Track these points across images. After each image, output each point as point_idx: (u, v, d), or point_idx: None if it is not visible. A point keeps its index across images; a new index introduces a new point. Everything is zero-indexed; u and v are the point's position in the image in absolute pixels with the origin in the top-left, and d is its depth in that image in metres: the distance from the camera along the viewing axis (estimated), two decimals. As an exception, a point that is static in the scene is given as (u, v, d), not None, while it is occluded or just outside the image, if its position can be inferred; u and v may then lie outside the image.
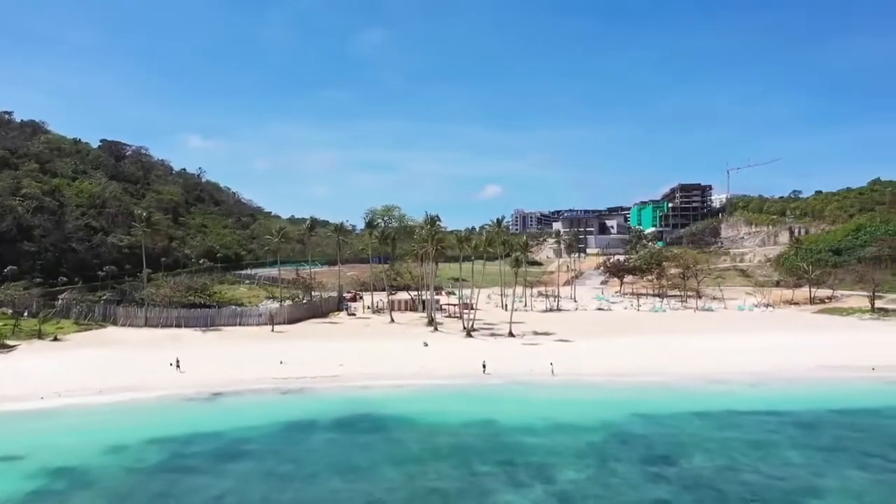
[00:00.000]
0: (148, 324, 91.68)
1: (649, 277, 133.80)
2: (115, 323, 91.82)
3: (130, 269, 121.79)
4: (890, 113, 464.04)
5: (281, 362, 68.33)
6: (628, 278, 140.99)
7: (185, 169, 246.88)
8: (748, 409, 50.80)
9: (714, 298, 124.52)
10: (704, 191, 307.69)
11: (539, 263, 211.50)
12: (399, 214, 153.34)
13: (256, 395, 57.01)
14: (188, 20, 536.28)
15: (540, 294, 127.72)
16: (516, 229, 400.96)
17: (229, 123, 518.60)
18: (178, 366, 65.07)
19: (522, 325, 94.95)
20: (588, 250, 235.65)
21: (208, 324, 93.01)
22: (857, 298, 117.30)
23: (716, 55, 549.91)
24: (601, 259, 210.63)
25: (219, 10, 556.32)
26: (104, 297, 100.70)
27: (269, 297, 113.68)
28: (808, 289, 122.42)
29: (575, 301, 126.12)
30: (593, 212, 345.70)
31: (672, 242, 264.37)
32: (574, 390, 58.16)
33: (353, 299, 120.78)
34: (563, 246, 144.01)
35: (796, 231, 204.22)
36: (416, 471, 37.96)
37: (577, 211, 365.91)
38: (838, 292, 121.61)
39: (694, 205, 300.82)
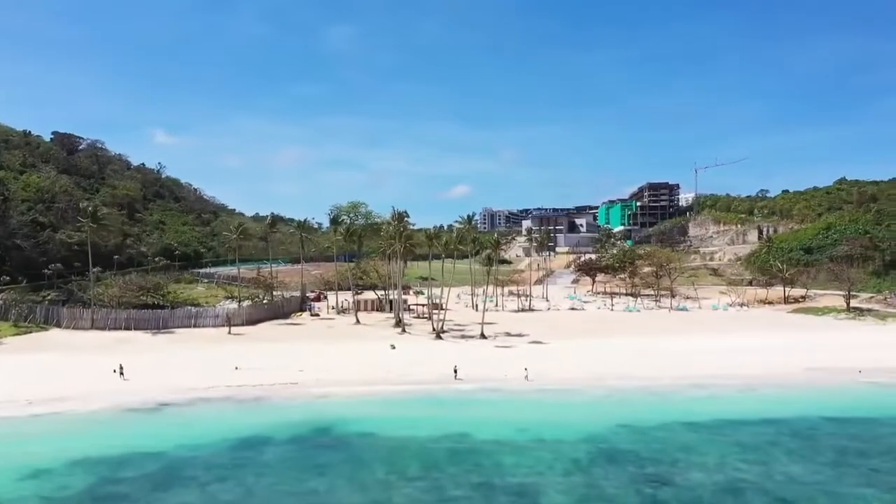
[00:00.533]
0: (95, 326, 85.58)
1: (622, 276, 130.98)
2: (58, 325, 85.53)
3: (80, 268, 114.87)
4: (846, 113, 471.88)
5: (236, 368, 63.20)
6: (600, 277, 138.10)
7: (143, 164, 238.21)
8: (740, 418, 47.31)
9: (687, 298, 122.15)
10: (672, 190, 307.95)
11: (508, 262, 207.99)
12: (366, 211, 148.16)
13: (207, 406, 51.85)
14: (152, 12, 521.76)
15: (511, 293, 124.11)
16: (484, 227, 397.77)
17: (195, 119, 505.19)
18: (121, 373, 59.41)
19: (494, 325, 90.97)
20: (557, 249, 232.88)
21: (160, 326, 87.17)
22: (830, 297, 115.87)
23: (681, 56, 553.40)
24: (571, 258, 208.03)
25: (184, 1, 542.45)
26: (48, 298, 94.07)
27: (228, 297, 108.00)
28: (781, 288, 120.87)
29: (547, 300, 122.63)
30: (562, 210, 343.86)
31: (640, 241, 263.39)
32: (552, 398, 54.14)
33: (318, 299, 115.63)
34: (534, 244, 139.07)
35: (765, 230, 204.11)
36: (381, 498, 33.45)
37: (546, 209, 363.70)
38: (812, 291, 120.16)
39: (662, 203, 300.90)
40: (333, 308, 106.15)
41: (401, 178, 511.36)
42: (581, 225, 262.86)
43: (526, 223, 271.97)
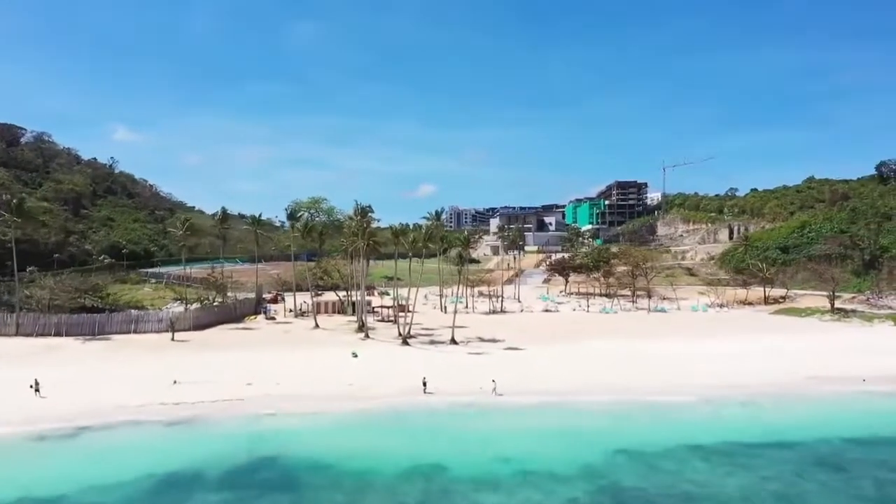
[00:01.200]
0: (20, 332, 76.74)
1: (596, 276, 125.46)
2: (-23, 332, 76.48)
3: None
4: (803, 117, 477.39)
5: (175, 382, 55.49)
6: (574, 277, 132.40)
7: (95, 158, 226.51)
8: (753, 440, 41.28)
9: (664, 298, 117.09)
10: (641, 188, 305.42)
11: (476, 261, 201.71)
12: (327, 207, 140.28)
13: (134, 430, 44.11)
14: (109, 5, 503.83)
15: (482, 294, 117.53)
16: (451, 226, 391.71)
17: (156, 115, 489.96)
18: (37, 389, 51.19)
19: (465, 329, 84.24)
20: (526, 247, 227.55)
21: (96, 331, 78.52)
22: (811, 298, 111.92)
23: (642, 59, 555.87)
24: (541, 256, 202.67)
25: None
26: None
27: (177, 299, 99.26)
28: (759, 288, 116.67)
29: (519, 301, 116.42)
30: (530, 209, 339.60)
31: (609, 240, 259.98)
32: (536, 416, 47.62)
33: (274, 301, 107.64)
34: (504, 242, 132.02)
35: (735, 228, 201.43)
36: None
37: (513, 208, 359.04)
38: (791, 291, 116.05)
39: (630, 202, 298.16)
40: (291, 311, 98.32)
41: (367, 177, 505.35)
42: (550, 223, 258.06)
43: (494, 221, 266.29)
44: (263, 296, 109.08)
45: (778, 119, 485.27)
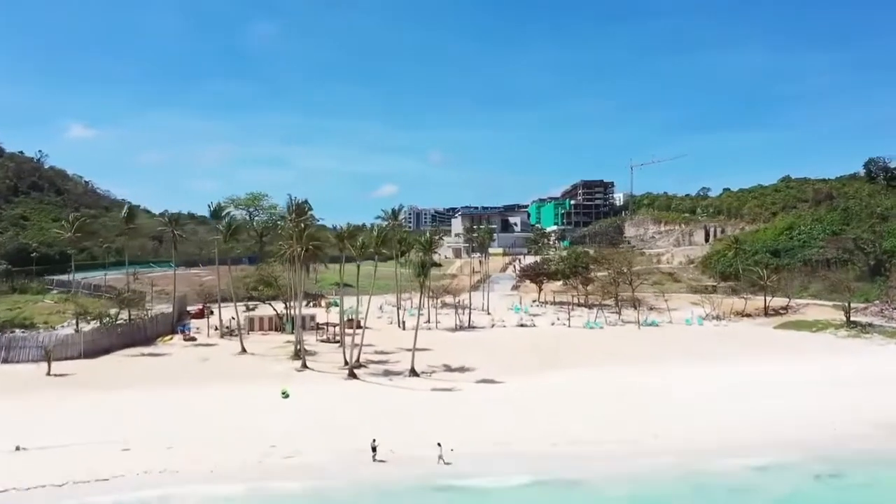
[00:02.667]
0: None
1: (574, 283, 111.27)
2: None
3: None
4: (769, 119, 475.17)
5: (17, 448, 39.07)
6: (549, 284, 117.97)
7: (22, 151, 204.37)
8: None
9: (651, 308, 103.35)
10: (607, 187, 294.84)
11: (438, 264, 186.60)
12: (269, 205, 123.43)
13: None
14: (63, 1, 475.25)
15: (445, 305, 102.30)
16: (410, 227, 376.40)
17: (112, 113, 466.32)
18: None
19: (428, 353, 68.73)
20: (490, 250, 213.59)
21: (-52, 362, 61.02)
22: (816, 308, 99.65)
23: (602, 62, 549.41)
24: (507, 259, 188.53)
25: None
26: None
27: (82, 314, 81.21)
28: (750, 296, 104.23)
29: (489, 314, 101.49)
30: (493, 209, 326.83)
31: (576, 241, 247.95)
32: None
33: (200, 315, 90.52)
34: (473, 244, 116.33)
35: (712, 230, 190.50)
36: None
37: (475, 208, 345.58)
38: (794, 300, 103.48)
39: (597, 202, 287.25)
40: (217, 329, 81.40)
41: (328, 176, 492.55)
42: (515, 224, 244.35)
43: (455, 222, 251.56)
44: (188, 309, 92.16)
45: (742, 120, 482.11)
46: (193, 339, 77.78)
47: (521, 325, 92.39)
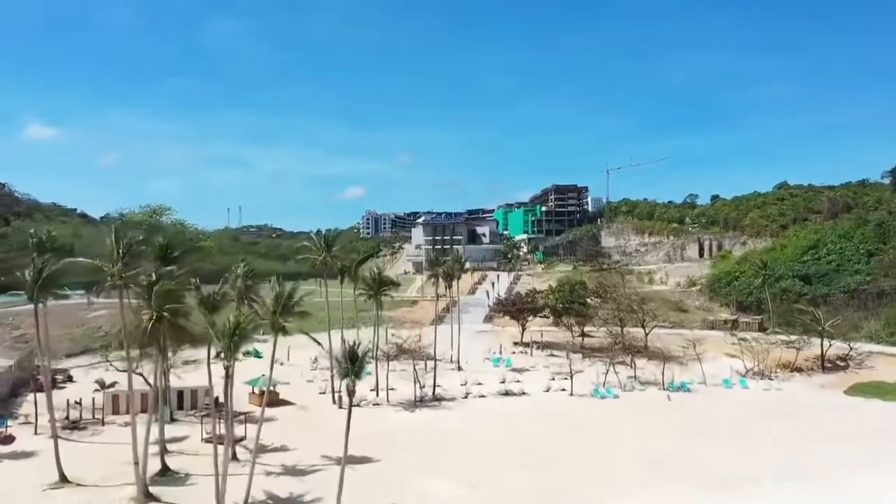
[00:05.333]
0: None
1: (569, 322, 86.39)
2: None
3: None
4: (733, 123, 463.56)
5: None
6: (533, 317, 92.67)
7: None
8: None
9: (668, 357, 78.32)
10: (581, 193, 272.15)
11: (395, 283, 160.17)
12: (174, 220, 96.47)
13: None
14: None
15: (403, 353, 75.80)
16: (367, 233, 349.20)
17: (68, 113, 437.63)
18: None
19: (369, 470, 42.92)
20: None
21: None
22: (884, 359, 76.73)
23: (564, 65, 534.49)
24: (476, 278, 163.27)
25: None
26: None
27: None
28: (778, 333, 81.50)
29: (460, 368, 75.99)
30: (458, 215, 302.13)
31: (549, 252, 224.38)
32: None
33: (52, 385, 62.16)
34: (439, 280, 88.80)
35: (707, 244, 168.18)
36: None
37: (438, 213, 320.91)
38: (855, 347, 79.78)
39: (570, 209, 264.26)
40: (66, 419, 53.58)
41: (292, 178, 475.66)
42: (483, 234, 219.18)
43: (416, 232, 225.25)
44: (37, 375, 64.11)
45: (713, 123, 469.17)
46: (11, 439, 50.05)
47: (506, 394, 66.55)
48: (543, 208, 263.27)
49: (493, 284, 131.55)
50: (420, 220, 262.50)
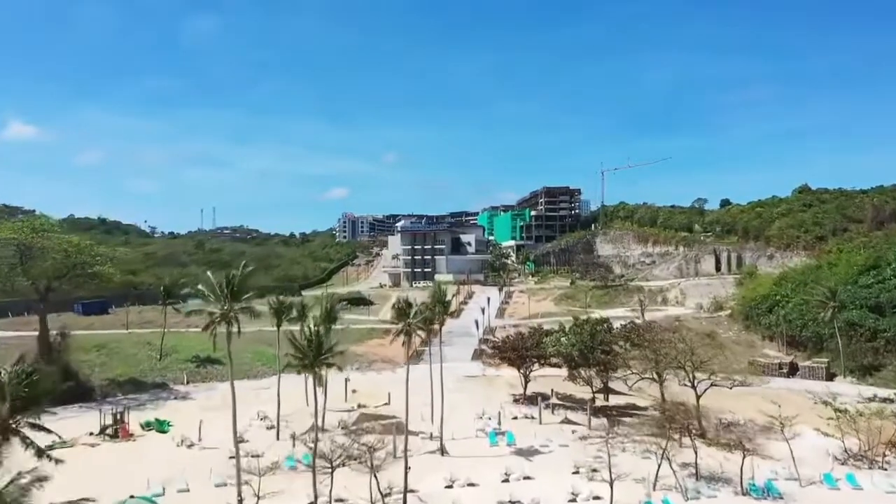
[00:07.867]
0: None
1: (587, 374, 64.70)
2: None
3: None
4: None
5: None
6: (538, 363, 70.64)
7: None
8: None
9: (733, 429, 57.18)
10: (573, 195, 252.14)
11: (368, 302, 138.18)
12: (44, 223, 74.58)
13: None
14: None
15: (366, 418, 53.76)
16: (345, 237, 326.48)
17: (46, 113, 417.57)
18: None
19: None
20: (438, 276, 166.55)
21: None
22: None
23: (547, 64, 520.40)
24: (462, 294, 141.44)
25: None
26: None
27: None
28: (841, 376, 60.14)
29: (444, 453, 53.72)
30: (440, 219, 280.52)
31: (539, 261, 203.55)
32: None
33: None
34: (414, 270, 65.15)
35: (724, 256, 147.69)
36: None
37: (420, 219, 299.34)
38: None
39: (562, 213, 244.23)
40: None
41: (275, 178, 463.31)
42: (468, 243, 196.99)
43: (394, 240, 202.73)
44: None
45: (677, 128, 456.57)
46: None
47: (513, 506, 44.34)
48: (533, 212, 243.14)
49: (482, 310, 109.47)
50: (399, 226, 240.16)
